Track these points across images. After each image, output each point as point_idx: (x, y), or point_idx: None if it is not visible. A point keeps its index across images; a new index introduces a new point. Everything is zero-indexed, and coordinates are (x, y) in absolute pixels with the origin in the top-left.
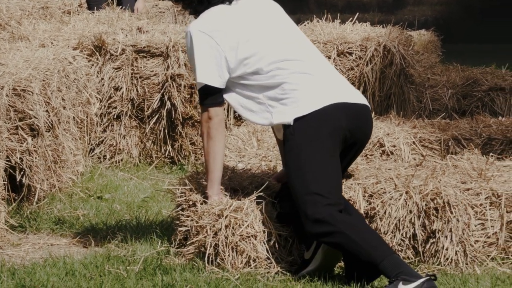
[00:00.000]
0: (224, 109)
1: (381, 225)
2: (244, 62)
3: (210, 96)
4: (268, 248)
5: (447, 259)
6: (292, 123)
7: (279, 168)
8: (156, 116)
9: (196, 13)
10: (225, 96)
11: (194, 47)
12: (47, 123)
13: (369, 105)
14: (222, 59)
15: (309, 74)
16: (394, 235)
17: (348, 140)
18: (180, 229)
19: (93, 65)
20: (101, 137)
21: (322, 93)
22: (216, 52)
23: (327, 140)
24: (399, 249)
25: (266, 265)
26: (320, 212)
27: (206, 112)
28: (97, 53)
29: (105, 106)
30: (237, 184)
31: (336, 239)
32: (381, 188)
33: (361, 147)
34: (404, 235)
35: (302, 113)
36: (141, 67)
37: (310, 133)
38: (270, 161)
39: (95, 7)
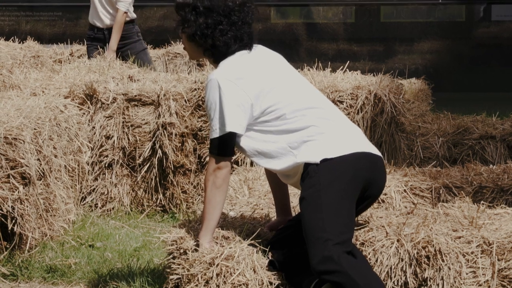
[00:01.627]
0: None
1: None
2: (267, 110)
3: (227, 146)
4: None
5: None
6: (318, 163)
7: (271, 215)
8: (148, 165)
9: (223, 56)
10: (240, 144)
11: (221, 96)
12: (38, 171)
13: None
14: (248, 108)
15: (332, 120)
16: (386, 283)
17: (365, 190)
18: (171, 277)
19: (84, 113)
20: (93, 185)
21: (347, 140)
22: (244, 100)
23: (348, 185)
24: None
25: None
26: (329, 250)
27: (217, 161)
28: (89, 102)
29: (96, 155)
30: (229, 232)
31: (339, 279)
32: (373, 236)
33: (372, 201)
34: (396, 283)
35: (330, 155)
36: (132, 116)
37: (335, 175)
38: (262, 209)
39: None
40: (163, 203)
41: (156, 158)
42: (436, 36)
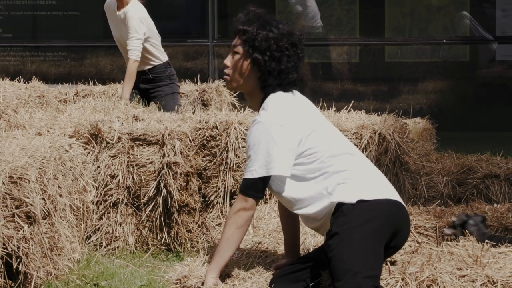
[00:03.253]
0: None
1: None
2: (305, 153)
3: (261, 187)
4: None
5: None
6: (354, 203)
7: (276, 254)
8: (152, 204)
9: (278, 86)
10: (274, 188)
11: (270, 139)
12: (43, 210)
13: None
14: (295, 150)
15: (365, 167)
16: None
17: (392, 238)
18: None
19: (89, 153)
20: (97, 224)
21: (381, 186)
22: (293, 144)
23: (380, 228)
24: None
25: None
26: (358, 282)
27: (245, 202)
28: (93, 141)
29: (101, 194)
30: (233, 270)
31: None
32: None
33: (394, 251)
34: None
35: (366, 197)
36: (137, 155)
37: (369, 216)
38: (266, 248)
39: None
40: (167, 242)
41: (161, 197)
42: (441, 75)
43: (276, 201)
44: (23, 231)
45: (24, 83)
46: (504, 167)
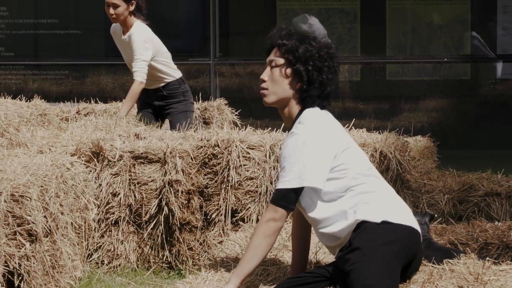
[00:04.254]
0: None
1: None
2: (336, 168)
3: (293, 199)
4: None
5: None
6: (379, 223)
7: (278, 272)
8: (154, 222)
9: (317, 98)
10: (307, 209)
11: (307, 152)
12: (45, 228)
13: None
14: (329, 165)
15: (389, 192)
16: None
17: (407, 265)
18: None
19: (91, 171)
20: (99, 242)
21: (404, 213)
22: (328, 159)
23: (401, 251)
24: None
25: None
26: None
27: (275, 212)
28: (95, 159)
29: (103, 212)
30: None
31: None
32: None
33: (404, 280)
34: None
35: (390, 219)
36: (138, 173)
37: (392, 237)
38: (268, 265)
39: None
40: (169, 260)
41: (163, 215)
42: (442, 94)
43: None
44: (25, 249)
45: (26, 101)
46: (505, 185)
